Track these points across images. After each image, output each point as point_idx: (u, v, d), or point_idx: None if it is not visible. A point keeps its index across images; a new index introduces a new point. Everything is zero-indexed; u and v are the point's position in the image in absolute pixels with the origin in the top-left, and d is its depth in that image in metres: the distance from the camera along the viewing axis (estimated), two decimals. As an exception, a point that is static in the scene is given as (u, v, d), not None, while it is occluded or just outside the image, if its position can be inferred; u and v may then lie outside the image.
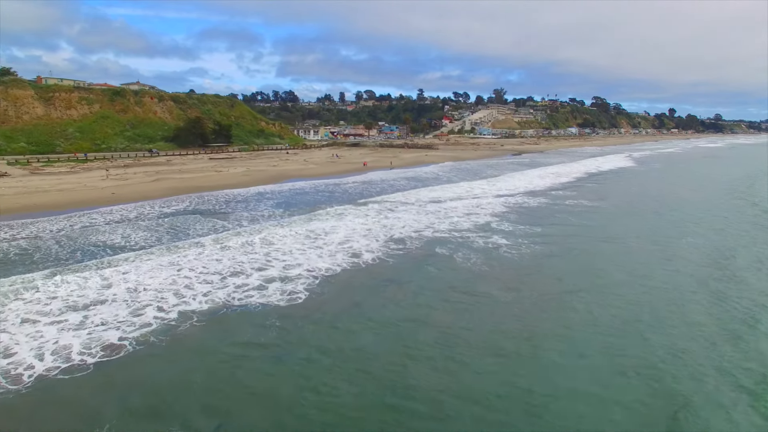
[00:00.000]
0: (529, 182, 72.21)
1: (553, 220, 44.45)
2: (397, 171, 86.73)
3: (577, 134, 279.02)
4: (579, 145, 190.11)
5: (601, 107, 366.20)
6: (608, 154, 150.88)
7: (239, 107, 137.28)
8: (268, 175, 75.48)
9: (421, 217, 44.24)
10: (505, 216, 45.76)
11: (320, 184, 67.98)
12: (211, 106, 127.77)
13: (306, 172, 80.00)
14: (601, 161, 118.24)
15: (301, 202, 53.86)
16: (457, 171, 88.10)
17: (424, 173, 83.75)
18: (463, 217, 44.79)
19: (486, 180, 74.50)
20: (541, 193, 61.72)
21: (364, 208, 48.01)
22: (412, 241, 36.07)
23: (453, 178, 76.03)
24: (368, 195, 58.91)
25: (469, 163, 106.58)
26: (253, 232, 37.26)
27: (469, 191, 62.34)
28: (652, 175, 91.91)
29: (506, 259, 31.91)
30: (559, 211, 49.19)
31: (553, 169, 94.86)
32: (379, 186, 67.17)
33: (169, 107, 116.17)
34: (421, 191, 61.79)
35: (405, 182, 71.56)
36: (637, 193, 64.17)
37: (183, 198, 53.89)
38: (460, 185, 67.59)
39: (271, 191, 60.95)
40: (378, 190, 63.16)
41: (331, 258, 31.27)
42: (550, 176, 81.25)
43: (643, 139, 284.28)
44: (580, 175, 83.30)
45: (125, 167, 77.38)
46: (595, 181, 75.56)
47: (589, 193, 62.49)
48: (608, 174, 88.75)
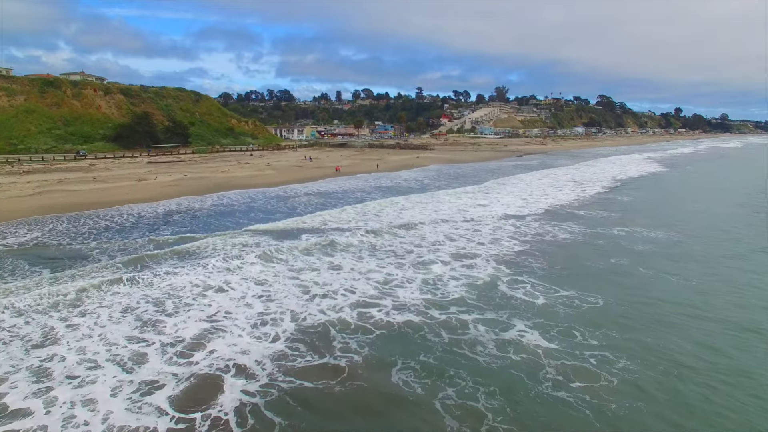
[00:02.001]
0: (545, 194, 53.00)
1: (608, 273, 25.07)
2: (376, 177, 67.66)
3: (583, 134, 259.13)
4: (590, 146, 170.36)
5: (607, 106, 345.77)
6: (622, 154, 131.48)
7: (206, 103, 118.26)
8: (202, 184, 56.50)
9: (371, 268, 25.10)
10: (522, 264, 26.42)
11: (259, 197, 49.71)
12: (172, 101, 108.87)
13: (255, 181, 60.90)
14: (621, 164, 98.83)
15: (200, 226, 34.74)
16: (451, 178, 68.84)
17: (407, 180, 64.56)
18: (448, 266, 25.69)
19: (486, 190, 55.21)
20: (569, 213, 42.46)
21: (273, 248, 28.67)
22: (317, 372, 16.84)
23: (443, 188, 56.75)
24: (309, 216, 39.77)
25: (467, 167, 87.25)
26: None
27: (463, 209, 43.29)
28: (696, 181, 72.49)
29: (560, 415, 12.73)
30: (609, 250, 29.78)
31: (570, 174, 75.58)
32: (337, 200, 48.34)
33: (117, 101, 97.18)
34: (391, 209, 42.76)
35: (376, 194, 52.50)
36: (706, 212, 44.66)
37: (34, 222, 34.98)
38: (451, 199, 48.52)
39: (178, 209, 42.04)
40: (332, 206, 44.27)
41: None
42: (571, 185, 61.90)
43: (652, 139, 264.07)
44: (609, 183, 63.86)
45: (21, 174, 58.47)
46: (633, 193, 56.09)
47: (636, 212, 43.13)
48: (642, 181, 69.20)
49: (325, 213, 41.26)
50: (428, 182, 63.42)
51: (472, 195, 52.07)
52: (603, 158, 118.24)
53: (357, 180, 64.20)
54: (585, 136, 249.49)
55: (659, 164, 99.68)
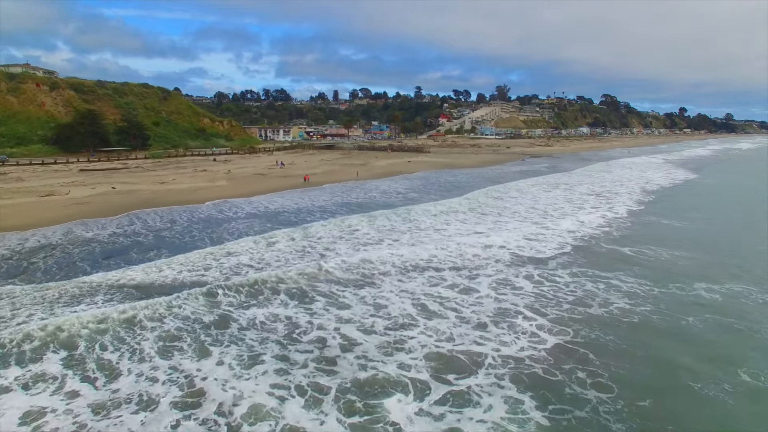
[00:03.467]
0: (564, 213, 39.59)
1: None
2: (350, 188, 54.25)
3: (588, 134, 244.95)
4: (598, 147, 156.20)
5: (611, 105, 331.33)
6: (635, 156, 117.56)
7: (175, 101, 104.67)
8: (122, 201, 43.45)
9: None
10: (569, 395, 12.63)
11: (182, 219, 37.45)
12: (134, 99, 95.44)
13: (195, 196, 47.61)
14: (640, 168, 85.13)
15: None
16: (443, 189, 55.20)
17: (385, 194, 50.92)
18: (422, 399, 11.99)
19: (485, 209, 41.63)
20: (609, 251, 28.98)
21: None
22: None
23: (431, 202, 43.08)
24: (208, 254, 26.37)
25: (464, 174, 73.62)
26: None
27: (450, 243, 29.68)
28: (746, 193, 58.61)
29: None
30: (722, 342, 16.15)
31: (586, 182, 61.93)
32: (282, 223, 34.95)
33: (66, 98, 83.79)
34: (346, 243, 29.43)
35: (342, 213, 39.04)
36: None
37: None
38: (437, 223, 35.01)
39: (39, 244, 28.62)
40: (263, 232, 30.81)
41: None
42: (593, 199, 48.50)
43: (661, 139, 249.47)
44: (640, 196, 50.22)
45: None
46: (678, 212, 42.18)
47: (709, 249, 29.42)
48: (679, 193, 55.39)
49: (240, 245, 27.93)
50: (413, 196, 49.79)
51: (465, 217, 38.49)
52: (615, 161, 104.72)
53: (323, 193, 50.74)
54: (590, 136, 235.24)
55: (683, 169, 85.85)
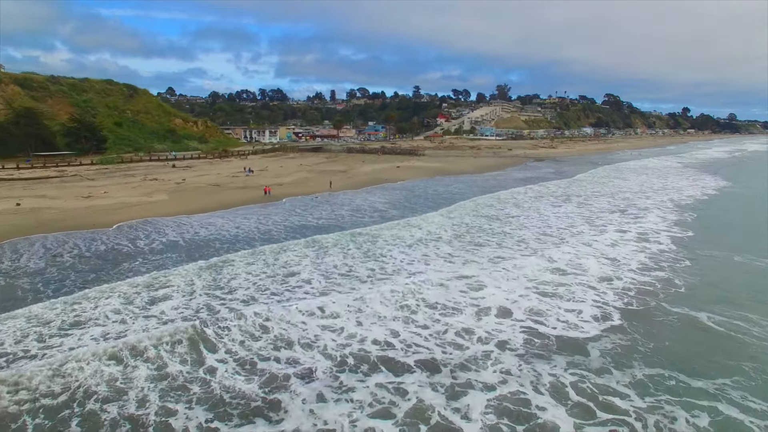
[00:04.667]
0: (585, 242, 28.69)
1: None
2: (316, 204, 43.44)
3: (592, 135, 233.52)
4: (605, 149, 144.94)
5: (614, 105, 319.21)
6: (645, 158, 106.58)
7: (142, 99, 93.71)
8: (10, 223, 32.74)
9: None
10: None
11: (66, 252, 25.58)
12: (94, 96, 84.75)
13: (114, 216, 37.11)
14: (659, 174, 74.33)
15: None
16: (429, 204, 44.09)
17: (357, 212, 39.79)
18: None
19: (479, 239, 30.73)
20: (674, 320, 18.17)
21: None
22: None
23: (407, 232, 32.07)
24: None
25: (459, 182, 62.71)
26: None
27: (414, 323, 18.79)
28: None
29: None
30: None
31: (602, 192, 51.03)
32: (201, 253, 23.85)
33: (9, 94, 73.04)
34: (260, 306, 18.32)
35: (288, 235, 28.01)
36: None
37: None
38: (413, 267, 24.14)
39: None
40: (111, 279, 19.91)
41: None
42: (616, 219, 37.75)
43: (667, 140, 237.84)
44: (674, 215, 39.29)
45: None
46: (737, 240, 31.39)
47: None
48: (722, 209, 44.42)
49: (99, 308, 17.06)
50: (392, 214, 38.86)
51: (452, 250, 27.63)
52: (626, 164, 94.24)
53: (280, 210, 39.94)
54: (594, 137, 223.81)
55: (708, 174, 74.86)
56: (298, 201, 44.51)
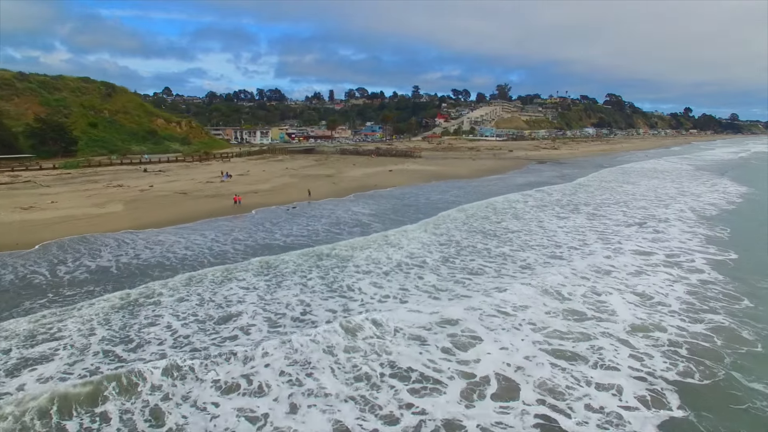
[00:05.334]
0: (610, 288, 23.10)
1: None
2: (289, 216, 37.91)
3: (594, 135, 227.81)
4: (609, 150, 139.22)
5: (616, 105, 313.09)
6: (652, 159, 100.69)
7: (121, 98, 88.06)
8: None
9: None
10: None
11: None
12: (68, 95, 79.27)
13: (47, 232, 31.62)
14: (672, 177, 68.62)
15: None
16: (421, 215, 38.35)
17: (335, 226, 33.88)
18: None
19: (477, 265, 25.11)
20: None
21: None
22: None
23: (385, 254, 26.47)
24: None
25: (454, 188, 57.10)
26: None
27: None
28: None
29: None
30: None
31: (616, 200, 45.33)
32: (126, 282, 18.22)
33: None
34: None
35: (246, 255, 22.36)
36: None
37: None
38: (387, 308, 18.34)
39: None
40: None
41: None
42: (635, 238, 32.10)
43: (669, 140, 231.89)
44: (705, 229, 33.69)
45: None
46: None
47: None
48: (754, 213, 38.74)
49: None
50: (375, 227, 33.25)
51: (438, 280, 22.06)
52: (633, 166, 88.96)
53: (247, 223, 34.36)
54: (596, 137, 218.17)
55: (725, 178, 69.09)
56: (270, 213, 38.98)
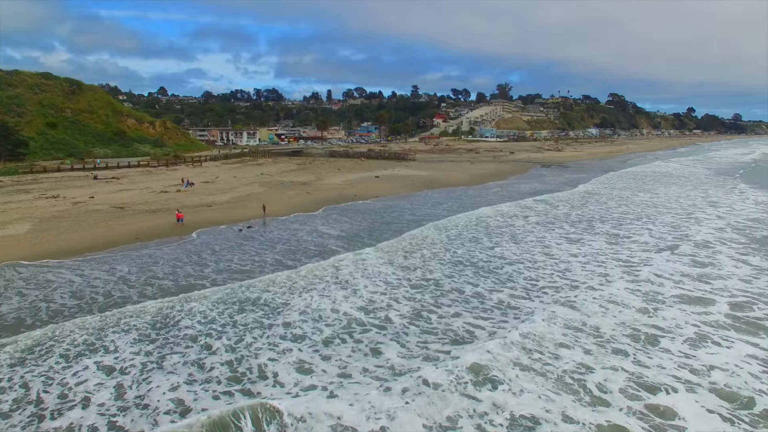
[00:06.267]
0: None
1: None
2: (244, 237, 30.10)
3: (597, 136, 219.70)
4: (616, 151, 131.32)
5: (619, 105, 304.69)
6: (661, 161, 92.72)
7: (87, 96, 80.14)
8: None
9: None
10: None
11: None
12: (25, 91, 71.66)
13: None
14: (693, 183, 60.93)
15: None
16: (400, 234, 30.59)
17: (289, 253, 26.01)
18: None
19: (464, 329, 17.35)
20: None
21: None
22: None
23: (331, 307, 18.91)
24: None
25: (449, 199, 49.36)
26: None
27: None
28: None
29: None
30: None
31: (636, 214, 37.59)
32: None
33: None
34: None
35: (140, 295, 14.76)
36: None
37: None
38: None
39: None
40: None
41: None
42: (695, 257, 24.32)
43: (674, 141, 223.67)
44: (760, 260, 25.93)
45: None
46: None
47: None
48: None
49: None
50: (338, 253, 25.58)
51: (402, 356, 14.17)
52: (643, 169, 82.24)
53: (171, 254, 26.67)
54: (600, 138, 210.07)
55: (746, 183, 61.24)
56: (216, 235, 31.34)
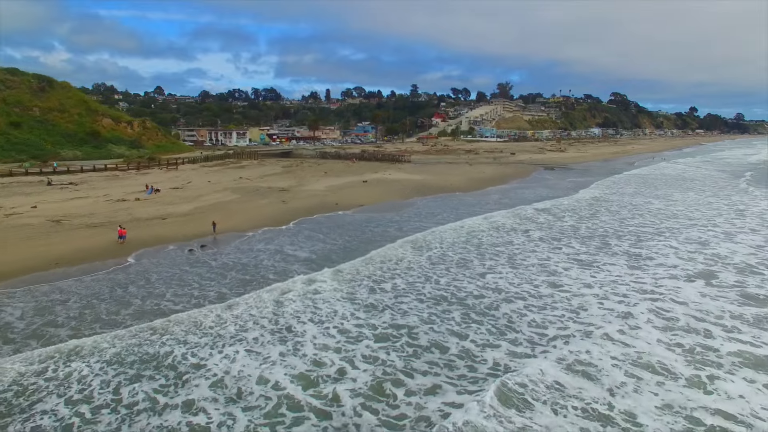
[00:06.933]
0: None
1: None
2: (190, 261, 24.61)
3: (600, 136, 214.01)
4: (622, 152, 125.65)
5: (621, 105, 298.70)
6: (669, 162, 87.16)
7: (58, 94, 74.61)
8: None
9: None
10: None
11: None
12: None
13: None
14: (714, 189, 55.43)
15: None
16: (375, 256, 25.08)
17: (215, 297, 20.64)
18: None
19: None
20: None
21: None
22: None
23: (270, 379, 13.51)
24: None
25: (442, 207, 43.80)
26: None
27: None
28: None
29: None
30: None
31: (665, 225, 32.03)
32: None
33: None
34: None
35: None
36: None
37: None
38: None
39: None
40: None
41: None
42: (754, 299, 18.70)
43: (678, 141, 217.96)
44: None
45: None
46: None
47: None
48: None
49: None
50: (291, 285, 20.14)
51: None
52: (652, 170, 77.78)
53: (93, 287, 21.08)
54: (603, 138, 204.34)
55: (764, 188, 55.76)
56: (160, 258, 25.83)
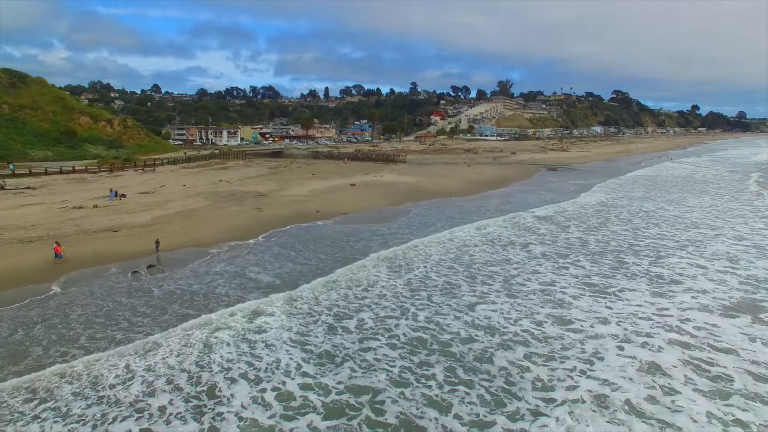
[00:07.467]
0: None
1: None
2: (114, 291, 20.31)
3: (602, 134, 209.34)
4: (626, 151, 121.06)
5: (623, 103, 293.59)
6: (669, 161, 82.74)
7: (32, 90, 70.13)
8: None
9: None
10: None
11: None
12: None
13: None
14: (729, 192, 50.85)
15: None
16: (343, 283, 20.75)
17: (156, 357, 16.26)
18: None
19: None
20: None
21: None
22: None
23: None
24: None
25: (436, 214, 39.36)
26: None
27: None
28: None
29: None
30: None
31: (694, 246, 27.69)
32: None
33: None
34: None
35: None
36: None
37: None
38: None
39: None
40: None
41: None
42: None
43: (681, 140, 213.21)
44: None
45: None
46: None
47: None
48: None
49: None
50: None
51: None
52: (659, 170, 73.16)
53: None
54: (605, 136, 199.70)
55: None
56: (93, 284, 21.50)
